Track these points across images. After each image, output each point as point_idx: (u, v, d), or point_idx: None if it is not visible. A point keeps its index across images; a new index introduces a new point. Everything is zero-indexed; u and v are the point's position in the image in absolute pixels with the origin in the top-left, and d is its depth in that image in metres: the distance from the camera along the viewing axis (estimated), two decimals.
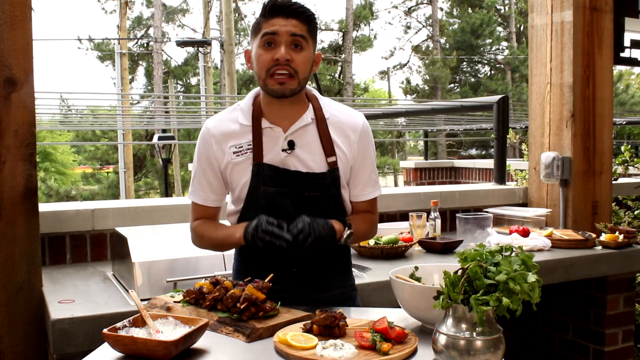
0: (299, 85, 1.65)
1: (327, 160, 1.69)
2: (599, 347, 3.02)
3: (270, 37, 1.61)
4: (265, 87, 1.65)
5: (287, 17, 1.61)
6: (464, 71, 26.49)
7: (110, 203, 2.80)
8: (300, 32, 1.62)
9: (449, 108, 7.11)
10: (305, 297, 1.73)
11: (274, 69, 1.61)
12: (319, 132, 1.70)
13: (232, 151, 1.69)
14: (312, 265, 1.73)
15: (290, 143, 1.68)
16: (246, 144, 1.69)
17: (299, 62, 1.62)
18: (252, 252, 1.73)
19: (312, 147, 1.69)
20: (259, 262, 1.73)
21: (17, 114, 2.10)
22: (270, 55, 1.61)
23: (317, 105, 1.73)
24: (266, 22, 1.62)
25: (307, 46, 1.64)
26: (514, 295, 1.15)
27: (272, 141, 1.69)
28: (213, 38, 16.61)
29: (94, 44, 24.03)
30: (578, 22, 3.31)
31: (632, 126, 13.72)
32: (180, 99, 15.50)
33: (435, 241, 2.87)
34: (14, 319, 2.11)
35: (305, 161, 1.68)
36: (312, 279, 1.74)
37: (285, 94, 1.64)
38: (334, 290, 1.78)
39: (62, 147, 22.74)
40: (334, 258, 1.78)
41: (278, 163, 1.68)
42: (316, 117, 1.71)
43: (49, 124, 10.00)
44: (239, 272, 1.82)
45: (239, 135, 1.70)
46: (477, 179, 7.70)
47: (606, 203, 3.48)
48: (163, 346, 1.28)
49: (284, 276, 1.71)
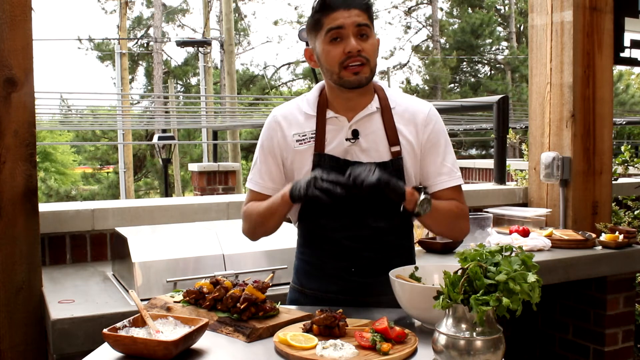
0: (372, 73, 1.65)
1: (390, 149, 1.66)
2: (599, 347, 3.02)
3: (337, 31, 1.60)
4: (341, 80, 1.63)
5: (349, 8, 1.60)
6: (464, 71, 26.48)
7: (110, 203, 2.80)
8: (364, 21, 1.61)
9: (449, 108, 7.09)
10: (364, 300, 1.67)
11: (348, 61, 1.60)
12: (384, 121, 1.68)
13: (296, 139, 1.68)
14: (373, 265, 1.68)
15: (354, 132, 1.66)
16: (310, 133, 1.68)
17: (369, 51, 1.62)
18: (312, 248, 1.72)
19: (376, 136, 1.67)
20: (319, 260, 1.71)
21: (17, 114, 2.10)
22: (340, 49, 1.60)
23: (383, 95, 1.72)
24: (327, 17, 1.60)
25: (372, 33, 1.64)
26: (514, 295, 1.14)
27: (336, 130, 1.67)
28: (213, 38, 16.62)
29: (94, 44, 24.04)
30: (578, 22, 3.31)
31: (632, 126, 13.72)
32: (180, 99, 15.52)
33: (435, 241, 2.87)
34: (14, 319, 2.11)
35: (367, 150, 1.66)
36: (372, 280, 1.68)
37: (362, 83, 1.63)
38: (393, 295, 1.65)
39: (62, 147, 22.73)
40: (396, 258, 1.69)
41: (340, 153, 1.65)
42: (381, 107, 1.69)
43: (49, 124, 10.01)
44: (298, 270, 1.78)
45: (303, 124, 1.69)
46: (477, 179, 7.70)
47: (606, 203, 3.48)
48: (163, 346, 1.28)
49: (343, 277, 1.69)
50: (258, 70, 26.25)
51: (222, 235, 2.26)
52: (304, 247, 1.78)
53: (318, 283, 1.73)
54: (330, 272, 1.70)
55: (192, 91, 23.61)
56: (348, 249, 1.67)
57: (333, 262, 1.70)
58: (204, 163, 9.49)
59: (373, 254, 1.68)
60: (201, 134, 17.34)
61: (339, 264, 1.69)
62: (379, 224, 1.67)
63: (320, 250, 1.72)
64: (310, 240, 1.75)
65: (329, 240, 1.69)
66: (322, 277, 1.71)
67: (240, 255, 2.20)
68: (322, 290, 1.71)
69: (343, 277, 1.69)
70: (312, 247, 1.75)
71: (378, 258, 1.68)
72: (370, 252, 1.68)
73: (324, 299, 1.70)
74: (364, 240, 1.67)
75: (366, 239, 1.67)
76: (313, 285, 1.74)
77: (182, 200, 3.11)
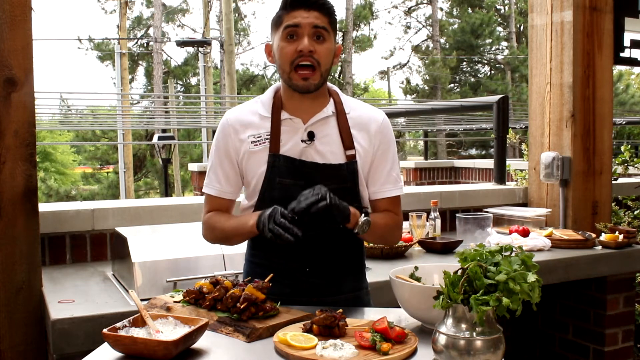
0: (322, 78, 1.65)
1: (345, 152, 1.68)
2: (599, 347, 3.02)
3: (293, 29, 1.61)
4: (290, 81, 1.64)
5: (309, 9, 1.61)
6: (464, 71, 26.48)
7: (110, 203, 2.80)
8: (322, 24, 1.62)
9: (449, 108, 7.12)
10: (319, 300, 1.69)
11: (298, 60, 1.61)
12: (339, 125, 1.70)
13: (250, 140, 1.68)
14: (326, 264, 1.70)
15: (310, 134, 1.67)
16: (265, 134, 1.68)
17: (321, 54, 1.62)
18: (264, 251, 1.72)
19: (331, 139, 1.68)
20: (272, 262, 1.71)
21: (17, 114, 2.10)
22: (293, 47, 1.61)
23: (338, 100, 1.74)
24: (288, 15, 1.62)
25: (329, 38, 1.65)
26: (514, 295, 1.15)
27: (291, 132, 1.68)
28: (213, 38, 16.61)
29: (94, 44, 24.02)
30: (578, 22, 3.31)
31: (632, 126, 13.71)
32: (180, 99, 15.51)
33: (435, 241, 2.87)
34: (14, 319, 2.11)
35: (323, 153, 1.67)
36: (326, 280, 1.71)
37: (309, 90, 1.64)
38: (348, 294, 1.74)
39: (62, 147, 22.73)
40: (348, 257, 1.75)
41: (295, 154, 1.66)
42: (337, 111, 1.71)
43: (49, 124, 9.99)
44: (250, 274, 1.77)
45: (258, 125, 1.70)
46: (477, 179, 7.69)
47: (606, 203, 3.48)
48: (163, 346, 1.28)
49: (297, 278, 1.69)
50: (258, 70, 26.25)
51: None
52: (254, 250, 1.78)
53: (272, 286, 1.68)
54: (284, 273, 1.69)
55: (192, 91, 23.60)
56: (301, 249, 1.65)
57: (286, 262, 1.69)
58: (204, 163, 9.48)
59: (326, 253, 1.69)
60: (201, 134, 17.34)
61: (292, 264, 1.69)
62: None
63: (272, 252, 1.70)
64: (261, 241, 1.70)
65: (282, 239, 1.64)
66: (275, 279, 1.68)
67: (240, 255, 2.18)
68: (276, 293, 1.67)
69: (297, 278, 1.69)
70: (263, 249, 1.73)
71: (332, 257, 1.70)
72: (323, 252, 1.68)
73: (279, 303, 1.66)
74: (316, 239, 1.67)
75: (318, 238, 1.67)
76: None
77: (182, 200, 3.11)
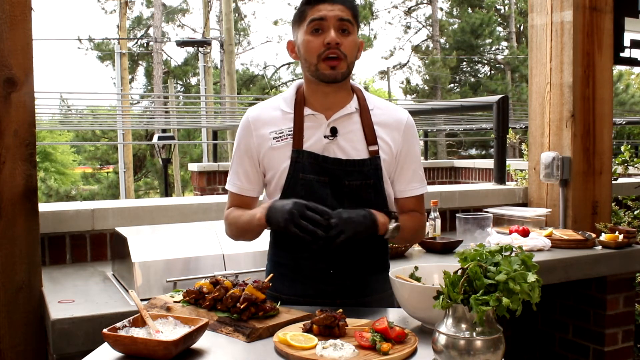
0: (348, 69, 1.65)
1: (368, 148, 1.67)
2: (599, 347, 3.02)
3: (318, 22, 1.61)
4: (317, 72, 1.63)
5: (333, 2, 1.61)
6: (464, 71, 26.48)
7: (110, 203, 2.80)
8: (347, 16, 1.62)
9: (449, 108, 7.12)
10: (343, 302, 1.66)
11: (325, 53, 1.61)
12: (362, 121, 1.69)
13: (272, 137, 1.67)
14: (351, 266, 1.68)
15: (332, 130, 1.66)
16: (287, 130, 1.67)
17: (347, 46, 1.62)
18: (288, 250, 1.70)
19: (354, 135, 1.67)
20: (296, 262, 1.69)
21: (17, 114, 2.10)
22: (319, 41, 1.61)
23: (362, 97, 1.73)
24: (312, 9, 1.62)
25: (353, 31, 1.65)
26: (514, 295, 1.14)
27: (313, 128, 1.67)
28: (213, 38, 16.61)
29: (94, 44, 24.02)
30: (578, 22, 3.31)
31: (632, 126, 13.72)
32: (180, 99, 15.51)
33: (435, 241, 2.87)
34: (14, 319, 2.11)
35: (346, 149, 1.66)
36: (351, 281, 1.69)
37: (337, 79, 1.63)
38: (374, 295, 1.71)
39: (62, 147, 22.73)
40: (373, 258, 1.73)
41: (318, 150, 1.65)
42: (360, 107, 1.71)
43: (49, 124, 9.99)
44: (272, 273, 1.74)
45: (279, 121, 1.69)
46: (477, 179, 7.69)
47: (606, 203, 3.48)
48: (163, 346, 1.28)
49: (321, 279, 1.67)
50: (258, 70, 26.25)
51: (222, 235, 2.25)
52: (277, 249, 1.76)
53: (294, 288, 1.69)
54: (307, 274, 1.68)
55: (192, 91, 23.61)
56: (326, 249, 1.63)
57: (310, 263, 1.68)
58: (204, 163, 9.48)
59: (352, 254, 1.67)
60: (201, 134, 17.33)
61: (316, 265, 1.67)
62: None
63: (295, 252, 1.69)
64: (285, 241, 1.72)
65: (305, 241, 1.61)
66: (298, 281, 1.68)
67: (240, 255, 2.20)
68: (298, 294, 1.68)
69: (322, 280, 1.68)
70: (286, 249, 1.72)
71: (357, 258, 1.68)
72: (348, 252, 1.66)
73: (301, 304, 1.67)
74: None
75: None
76: (289, 290, 1.70)
77: (182, 200, 3.11)
